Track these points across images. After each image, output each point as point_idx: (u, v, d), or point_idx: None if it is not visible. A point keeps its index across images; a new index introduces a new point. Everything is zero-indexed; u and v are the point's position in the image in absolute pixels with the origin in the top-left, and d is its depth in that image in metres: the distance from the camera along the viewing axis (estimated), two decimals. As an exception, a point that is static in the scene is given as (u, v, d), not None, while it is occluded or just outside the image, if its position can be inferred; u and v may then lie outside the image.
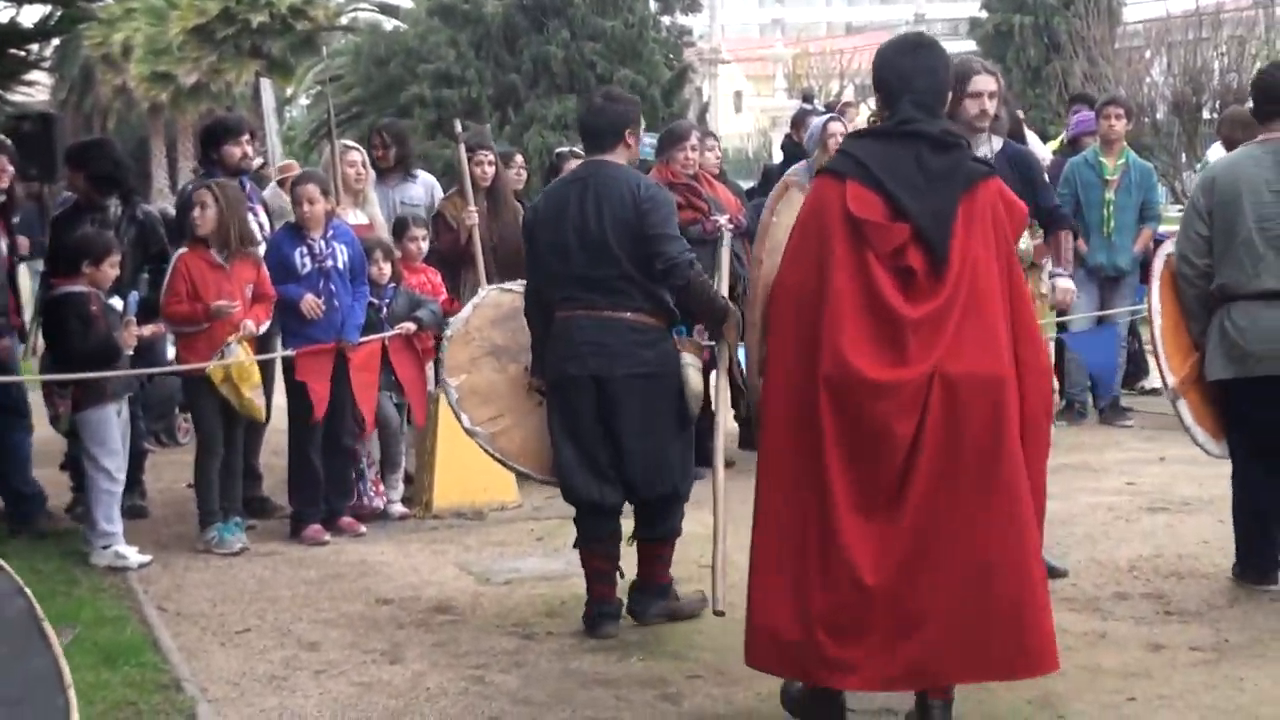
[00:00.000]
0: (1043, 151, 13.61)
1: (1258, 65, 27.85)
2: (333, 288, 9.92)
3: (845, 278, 5.88)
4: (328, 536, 9.85)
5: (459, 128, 11.68)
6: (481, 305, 8.60)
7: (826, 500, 5.80)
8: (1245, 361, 7.94)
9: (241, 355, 9.54)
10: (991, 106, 8.05)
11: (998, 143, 8.28)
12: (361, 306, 10.15)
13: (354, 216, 11.11)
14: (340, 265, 10.00)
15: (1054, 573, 8.23)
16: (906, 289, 5.86)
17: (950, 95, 6.40)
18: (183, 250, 9.69)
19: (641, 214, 7.60)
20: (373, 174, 11.54)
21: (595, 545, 7.90)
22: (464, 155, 11.25)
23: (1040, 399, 5.99)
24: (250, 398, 9.64)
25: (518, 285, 8.51)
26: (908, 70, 6.14)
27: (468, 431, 8.20)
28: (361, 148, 11.74)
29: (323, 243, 9.99)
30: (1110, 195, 12.68)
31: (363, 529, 10.04)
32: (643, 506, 7.91)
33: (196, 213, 9.59)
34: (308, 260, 9.95)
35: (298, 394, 9.93)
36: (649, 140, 11.91)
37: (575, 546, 7.98)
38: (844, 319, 5.85)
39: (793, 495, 5.94)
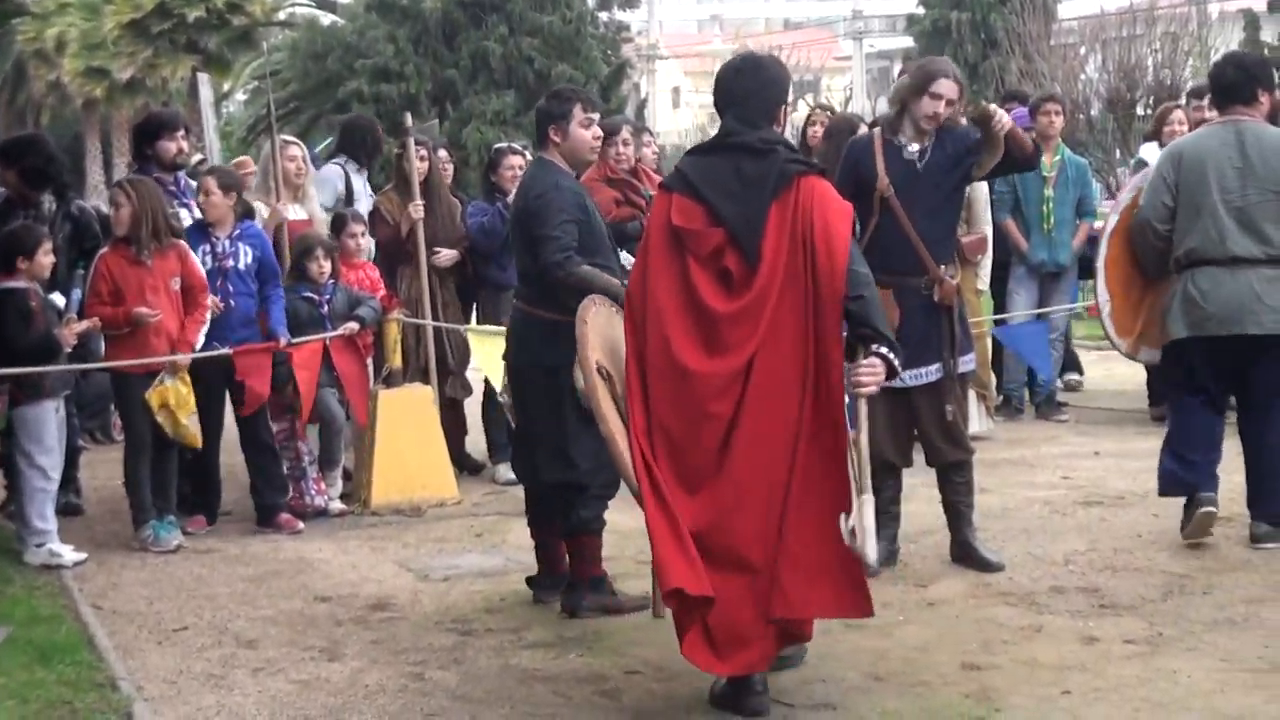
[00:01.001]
0: None
1: (1190, 62, 28.11)
2: (230, 287, 9.94)
3: (669, 281, 6.47)
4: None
5: (409, 121, 11.66)
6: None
7: (653, 480, 6.39)
8: (1203, 324, 8.54)
9: (179, 384, 9.58)
10: (945, 111, 8.22)
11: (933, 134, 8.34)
12: (279, 307, 10.18)
13: (294, 212, 11.14)
14: (242, 266, 9.99)
15: (991, 567, 8.35)
16: (725, 288, 6.40)
17: (782, 106, 6.76)
18: (104, 250, 9.66)
19: (529, 215, 7.86)
20: (313, 170, 11.54)
21: (528, 522, 8.30)
22: (411, 150, 11.24)
23: (834, 386, 6.36)
24: (186, 424, 9.65)
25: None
26: (732, 88, 6.67)
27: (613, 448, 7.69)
28: (301, 143, 11.73)
29: (227, 242, 10.01)
30: (1049, 192, 12.74)
31: (300, 526, 10.02)
32: (552, 495, 8.06)
33: (112, 213, 9.58)
34: (209, 259, 9.99)
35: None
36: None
37: None
38: (668, 317, 6.44)
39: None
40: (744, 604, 6.28)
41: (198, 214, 10.47)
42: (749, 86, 6.68)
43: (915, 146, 8.30)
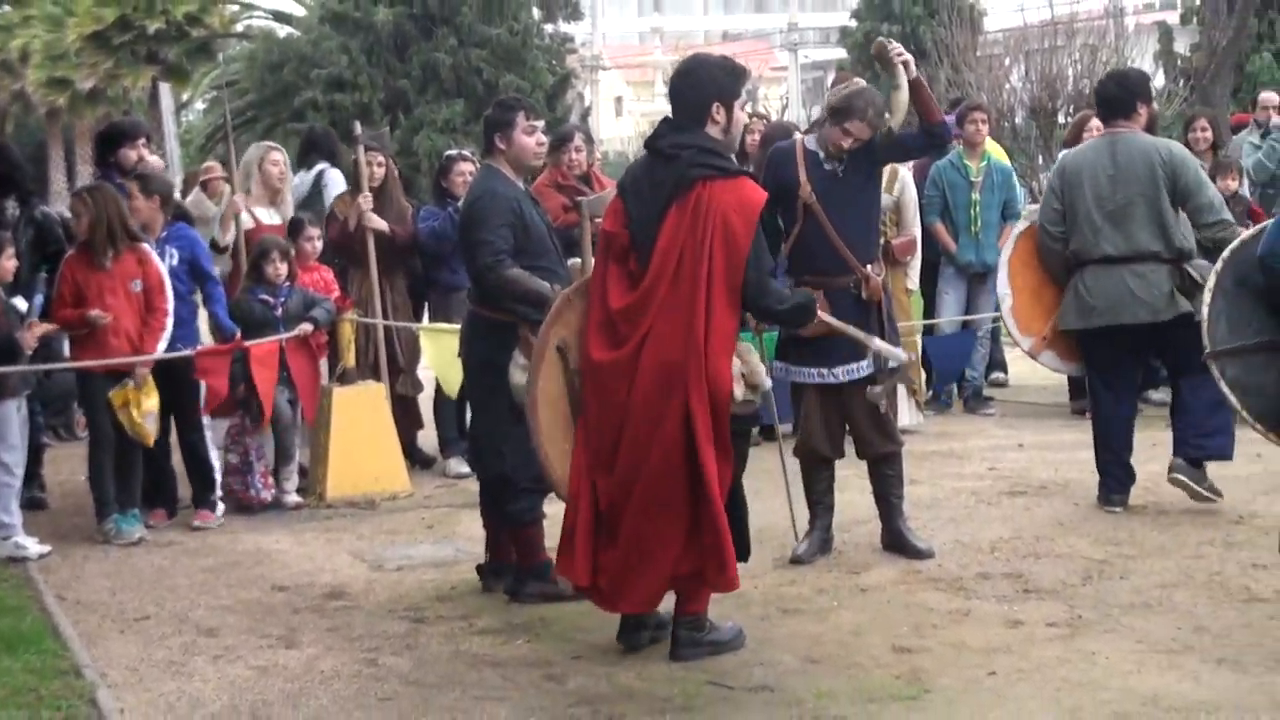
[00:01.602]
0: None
1: (1108, 70, 28.25)
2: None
3: (596, 278, 6.88)
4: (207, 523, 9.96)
5: (358, 129, 11.66)
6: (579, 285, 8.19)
7: (577, 463, 6.87)
8: (1089, 315, 9.21)
9: (146, 388, 9.58)
10: (849, 146, 8.23)
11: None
12: (220, 306, 10.19)
13: (268, 216, 11.14)
14: (168, 267, 9.91)
15: (921, 554, 8.37)
16: (628, 286, 6.71)
17: (713, 105, 6.82)
18: (68, 254, 9.61)
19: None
20: (292, 175, 11.57)
21: (481, 512, 8.33)
22: (362, 155, 11.23)
23: (719, 382, 6.56)
24: (141, 423, 9.58)
25: None
26: (670, 91, 7.03)
27: (536, 443, 7.71)
28: (283, 149, 11.75)
29: (155, 245, 9.93)
30: (976, 195, 12.81)
31: (214, 523, 9.97)
32: (487, 488, 8.10)
33: (74, 220, 9.53)
34: None
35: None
36: None
37: None
38: (590, 312, 6.84)
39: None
40: (638, 570, 6.73)
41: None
42: (679, 88, 6.93)
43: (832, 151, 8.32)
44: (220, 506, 10.07)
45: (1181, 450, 9.29)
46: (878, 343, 8.03)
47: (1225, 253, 7.08)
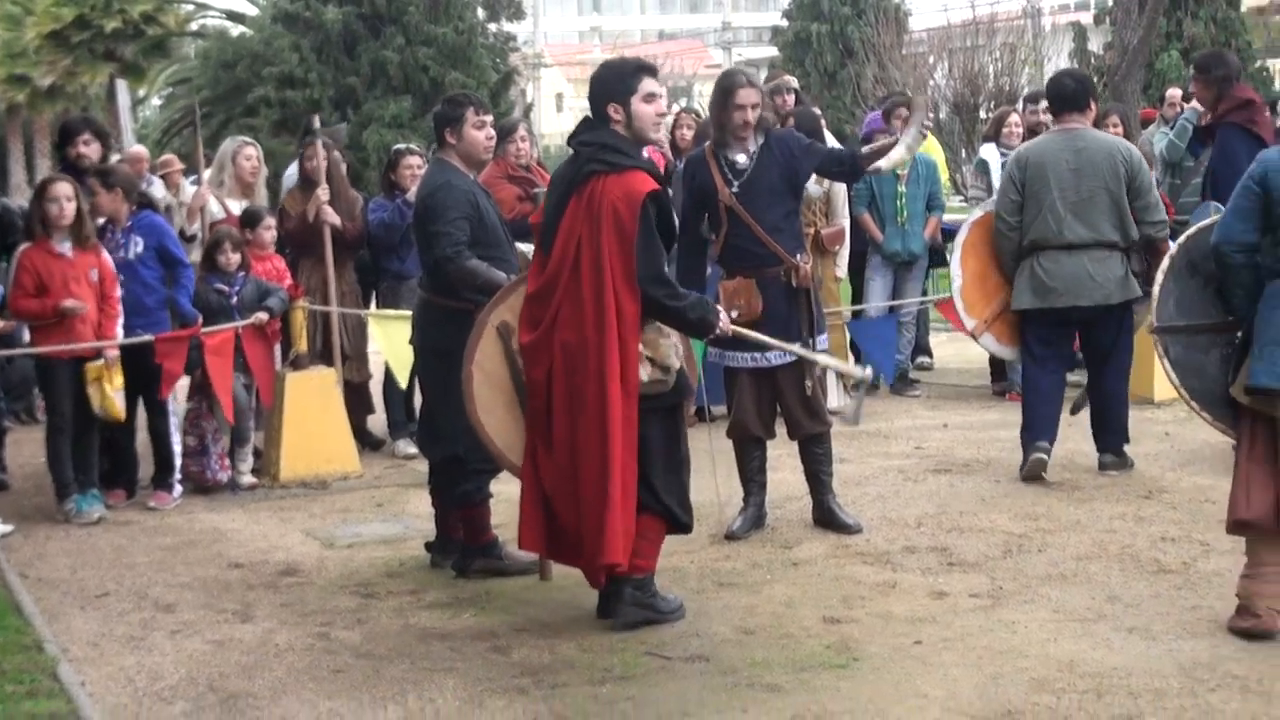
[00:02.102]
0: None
1: (1026, 70, 28.43)
2: (121, 277, 9.79)
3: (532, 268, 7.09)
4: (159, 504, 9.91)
5: (316, 124, 11.62)
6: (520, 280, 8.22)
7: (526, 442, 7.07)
8: (1048, 296, 9.42)
9: (115, 368, 9.56)
10: (753, 116, 8.29)
11: (761, 138, 8.39)
12: (186, 291, 10.12)
13: (238, 208, 11.14)
14: (132, 256, 9.90)
15: (850, 529, 8.41)
16: (540, 271, 6.92)
17: (609, 105, 6.98)
18: (26, 245, 9.50)
19: (425, 211, 7.92)
20: (265, 169, 11.58)
21: (429, 491, 8.33)
22: (319, 150, 11.21)
23: (624, 362, 6.71)
24: (112, 398, 9.54)
25: None
26: (589, 94, 7.08)
27: (474, 419, 7.78)
28: (256, 143, 11.75)
29: (121, 235, 9.93)
30: (902, 188, 12.83)
31: (170, 504, 9.90)
32: (437, 469, 8.10)
33: (55, 208, 9.41)
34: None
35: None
36: None
37: None
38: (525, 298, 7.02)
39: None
40: (573, 541, 6.89)
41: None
42: (589, 91, 7.09)
43: (742, 155, 8.32)
44: (178, 489, 10.02)
45: (1112, 442, 9.70)
46: (798, 349, 8.06)
47: (1182, 238, 7.11)
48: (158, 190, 11.75)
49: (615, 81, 7.01)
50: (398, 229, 10.91)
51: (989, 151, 13.09)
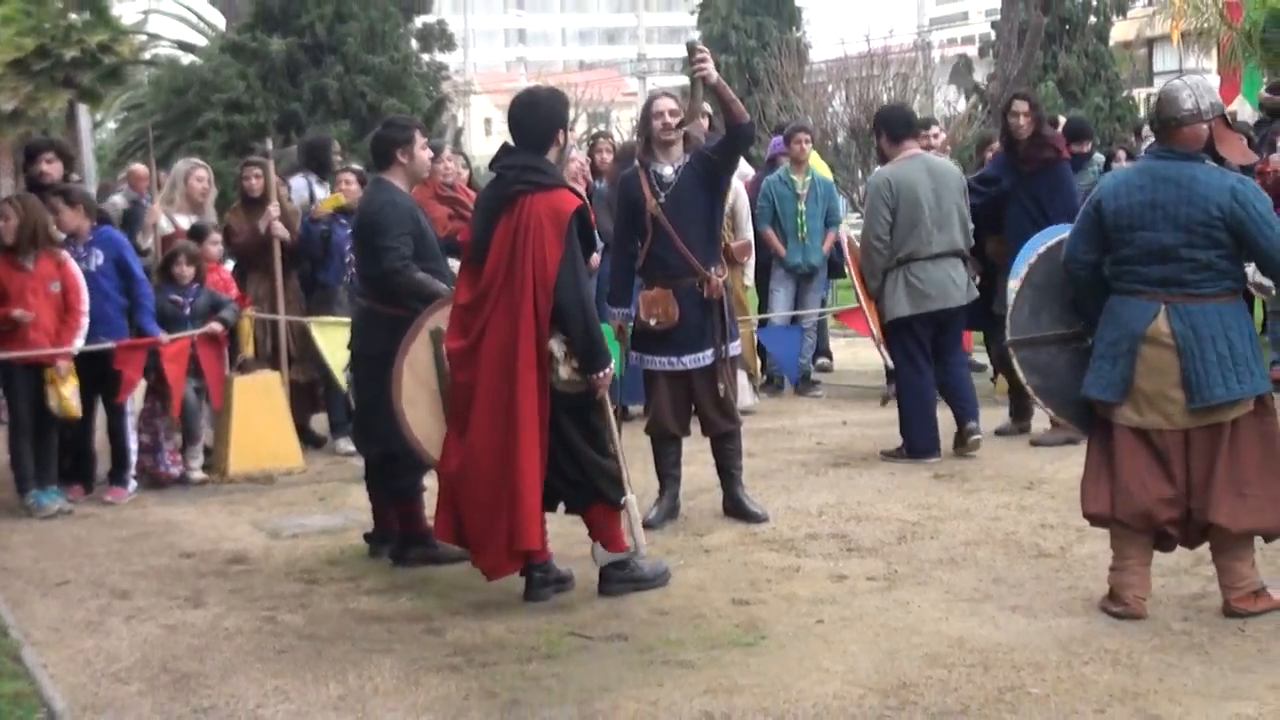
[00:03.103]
0: (747, 171, 13.76)
1: (918, 98, 28.64)
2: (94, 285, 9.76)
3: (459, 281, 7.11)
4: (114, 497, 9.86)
5: (269, 145, 11.60)
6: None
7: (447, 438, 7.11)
8: (923, 302, 9.83)
9: (67, 370, 9.53)
10: (673, 120, 8.31)
11: (686, 156, 8.40)
12: (148, 311, 10.04)
13: (188, 223, 11.05)
14: (93, 268, 9.80)
15: (757, 518, 8.43)
16: (471, 285, 6.92)
17: (565, 133, 7.13)
18: None
19: (370, 228, 7.81)
20: (215, 190, 11.56)
21: (366, 486, 8.27)
22: (272, 169, 11.23)
23: (540, 364, 6.77)
24: (68, 397, 9.48)
25: None
26: (510, 119, 7.11)
27: (395, 407, 7.86)
28: (207, 164, 11.72)
29: (83, 248, 9.84)
30: (802, 206, 12.92)
31: (125, 498, 9.86)
32: (378, 464, 8.03)
33: (1, 224, 9.36)
34: None
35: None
36: None
37: None
38: (452, 308, 7.08)
39: None
40: (485, 530, 6.89)
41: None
42: (523, 117, 7.07)
43: (668, 167, 8.33)
44: (133, 484, 9.94)
45: (974, 410, 10.20)
46: None
47: (1039, 252, 7.13)
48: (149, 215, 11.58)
49: (564, 110, 7.16)
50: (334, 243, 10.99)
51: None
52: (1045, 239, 7.16)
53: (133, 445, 10.01)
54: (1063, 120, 16.21)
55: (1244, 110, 23.41)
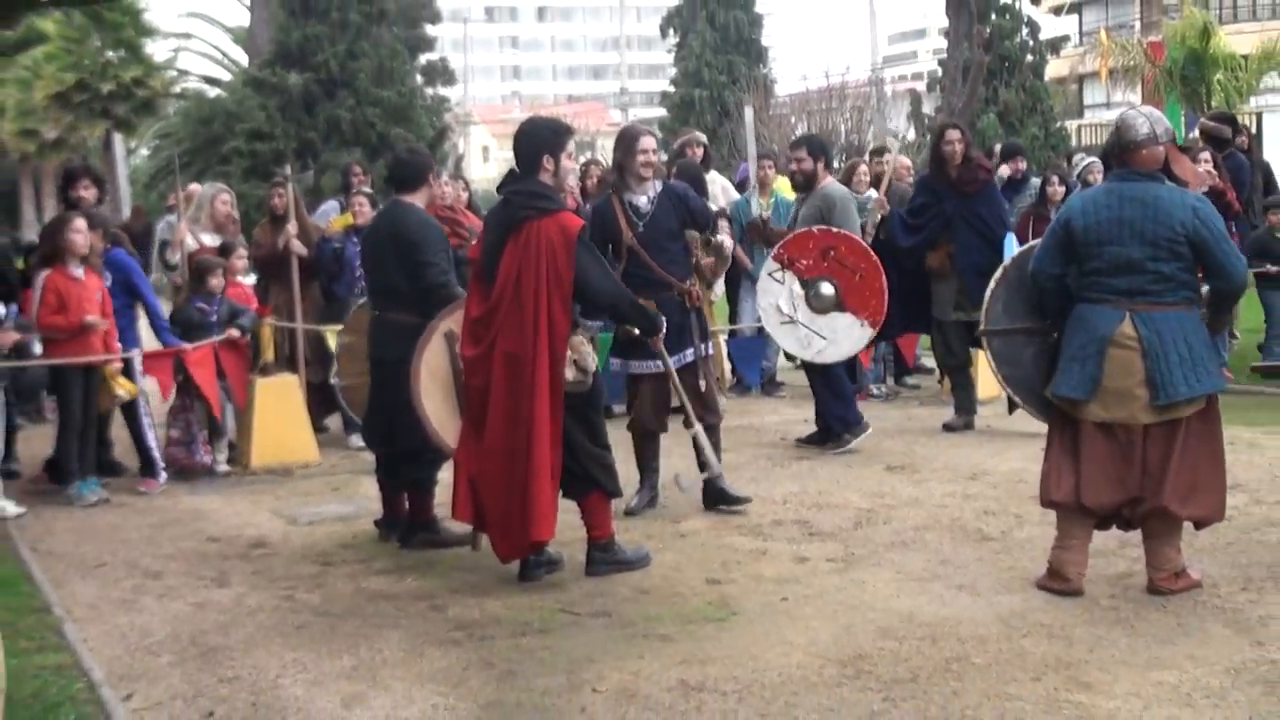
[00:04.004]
0: (734, 194, 13.75)
1: (871, 128, 28.68)
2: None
3: (471, 294, 7.06)
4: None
5: (288, 170, 11.64)
6: None
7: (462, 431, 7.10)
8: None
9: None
10: (655, 159, 8.41)
11: (659, 185, 8.44)
12: (165, 331, 10.13)
13: (211, 240, 11.07)
14: (106, 285, 9.78)
15: (739, 500, 8.43)
16: (483, 299, 6.90)
17: (543, 156, 6.97)
18: (47, 271, 9.39)
19: (412, 244, 7.73)
20: (236, 210, 11.59)
21: (377, 477, 8.24)
22: (290, 191, 11.20)
23: (553, 367, 6.77)
24: (125, 381, 9.71)
25: None
26: (513, 148, 7.06)
27: (334, 383, 8.31)
28: (230, 189, 11.76)
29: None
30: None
31: (157, 489, 9.83)
32: (396, 457, 7.99)
33: (79, 237, 9.42)
34: None
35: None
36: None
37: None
38: (465, 318, 7.05)
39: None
40: (502, 521, 6.89)
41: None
42: (517, 145, 7.04)
43: (643, 197, 8.34)
44: (163, 475, 9.93)
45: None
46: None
47: (1015, 254, 7.17)
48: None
49: (550, 136, 7.04)
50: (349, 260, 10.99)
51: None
52: (1022, 246, 7.23)
53: (151, 442, 10.00)
54: (997, 145, 16.27)
55: (1165, 139, 23.46)
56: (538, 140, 7.01)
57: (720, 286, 12.54)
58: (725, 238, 9.01)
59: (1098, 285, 6.44)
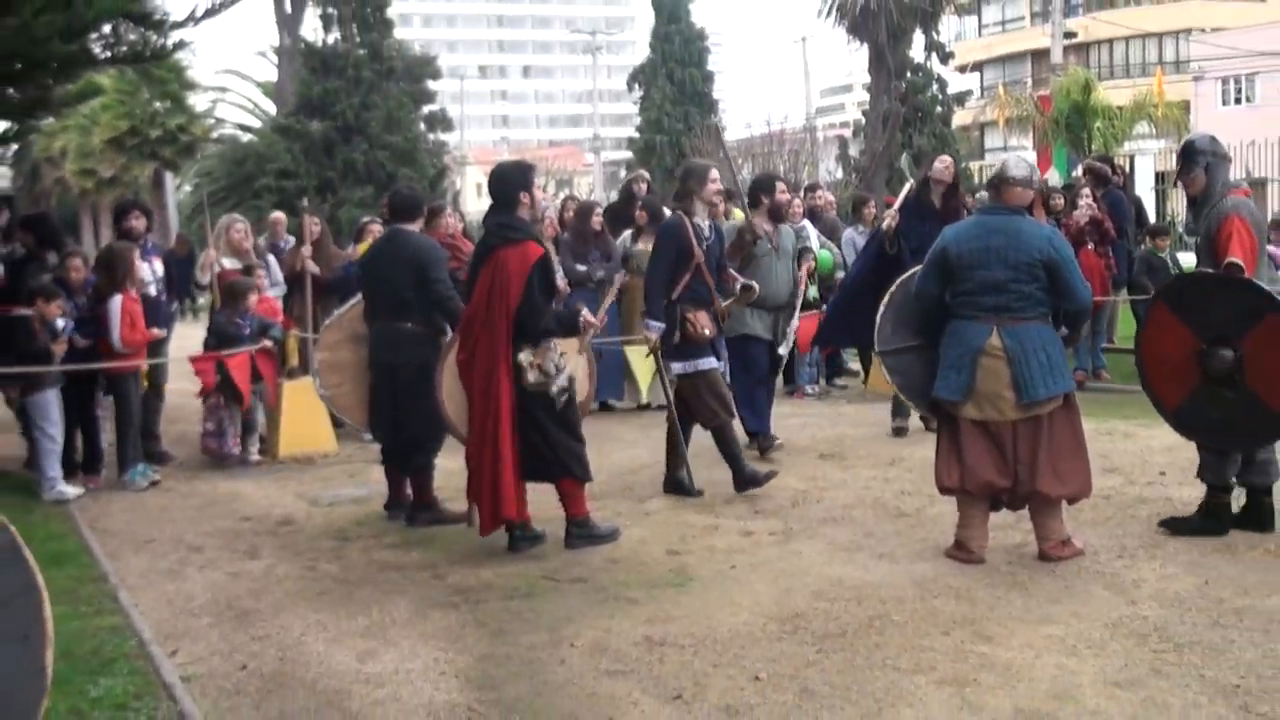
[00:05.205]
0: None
1: (806, 169, 28.74)
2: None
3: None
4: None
5: (305, 203, 11.63)
6: (355, 305, 8.32)
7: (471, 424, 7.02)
8: (735, 327, 9.20)
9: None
10: (722, 192, 8.57)
11: (711, 222, 8.43)
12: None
13: (231, 264, 11.04)
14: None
15: (689, 489, 8.37)
16: (467, 313, 6.95)
17: (519, 193, 6.99)
18: (118, 296, 9.39)
19: (426, 263, 7.75)
20: (252, 238, 11.50)
21: (384, 466, 8.22)
22: (308, 222, 11.25)
23: (514, 372, 6.81)
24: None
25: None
26: (489, 188, 7.08)
27: (320, 394, 8.29)
28: (245, 219, 11.70)
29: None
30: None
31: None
32: (402, 447, 7.95)
33: (144, 269, 9.64)
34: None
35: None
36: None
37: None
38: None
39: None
40: (480, 497, 6.93)
41: (156, 266, 10.39)
42: (495, 185, 7.04)
43: (706, 222, 8.34)
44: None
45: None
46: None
47: (898, 281, 7.17)
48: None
49: (521, 176, 7.06)
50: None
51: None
52: (901, 274, 7.23)
53: (103, 444, 9.82)
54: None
55: (1054, 178, 23.63)
56: (512, 181, 7.01)
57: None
58: (754, 283, 8.88)
59: (970, 303, 6.47)
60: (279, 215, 12.99)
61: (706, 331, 8.18)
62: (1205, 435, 6.76)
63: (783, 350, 9.75)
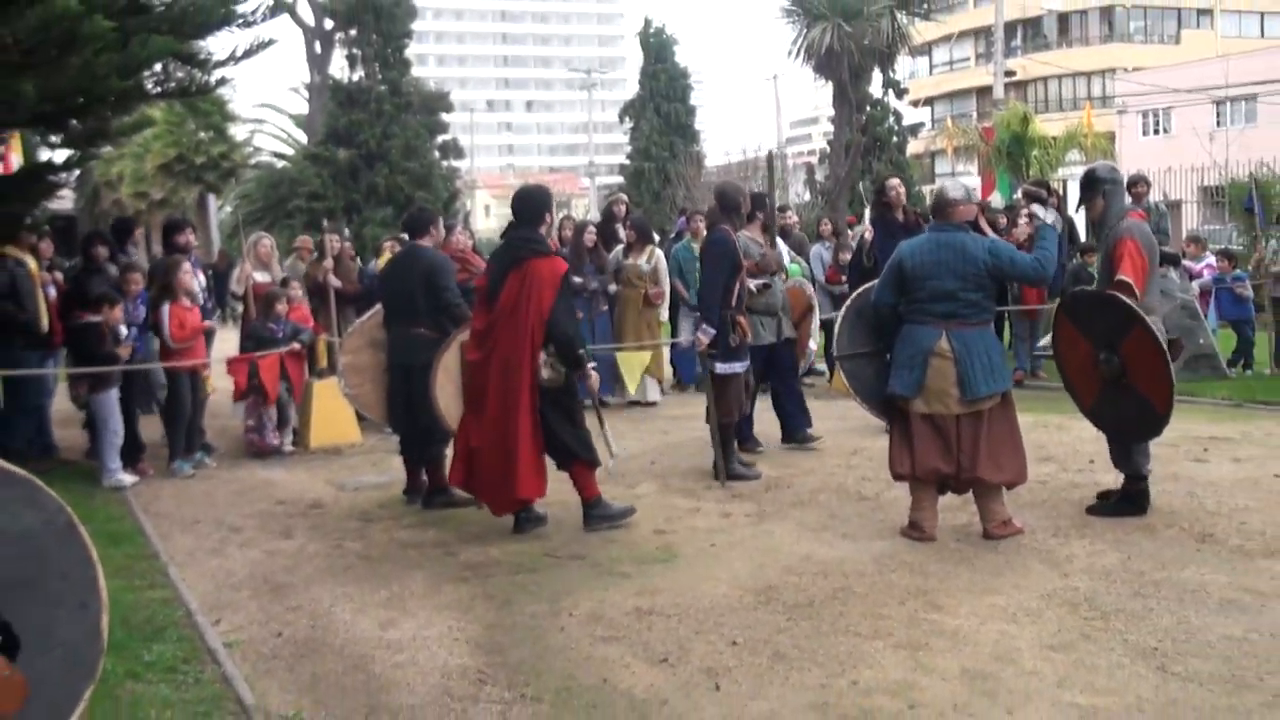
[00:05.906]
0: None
1: (777, 192, 28.74)
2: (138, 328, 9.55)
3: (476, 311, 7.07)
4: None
5: (325, 222, 11.65)
6: (375, 313, 8.35)
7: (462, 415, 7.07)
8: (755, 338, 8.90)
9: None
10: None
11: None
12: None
13: (261, 276, 11.03)
14: (141, 316, 9.54)
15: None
16: (485, 316, 6.90)
17: (544, 213, 7.01)
18: (169, 303, 9.36)
19: (436, 272, 7.76)
20: (277, 252, 11.52)
21: (401, 455, 8.20)
22: (329, 239, 11.26)
23: (534, 368, 6.76)
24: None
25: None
26: (514, 205, 7.05)
27: (344, 394, 8.26)
28: (270, 235, 11.71)
29: (137, 301, 9.53)
30: (697, 265, 12.82)
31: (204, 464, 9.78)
32: (417, 437, 7.93)
33: (188, 278, 9.51)
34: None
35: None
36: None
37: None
38: (471, 331, 7.06)
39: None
40: (495, 483, 6.86)
41: (200, 279, 10.37)
42: (524, 204, 7.00)
43: (747, 236, 8.46)
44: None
45: (797, 430, 9.44)
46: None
47: (857, 292, 7.21)
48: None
49: (546, 199, 7.13)
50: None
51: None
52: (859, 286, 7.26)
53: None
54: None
55: (996, 200, 23.65)
56: (539, 202, 7.04)
57: (665, 311, 12.53)
58: (769, 280, 8.85)
59: (922, 310, 6.49)
60: (304, 239, 12.98)
61: (750, 338, 8.25)
62: (1113, 430, 6.85)
63: (809, 355, 9.88)
